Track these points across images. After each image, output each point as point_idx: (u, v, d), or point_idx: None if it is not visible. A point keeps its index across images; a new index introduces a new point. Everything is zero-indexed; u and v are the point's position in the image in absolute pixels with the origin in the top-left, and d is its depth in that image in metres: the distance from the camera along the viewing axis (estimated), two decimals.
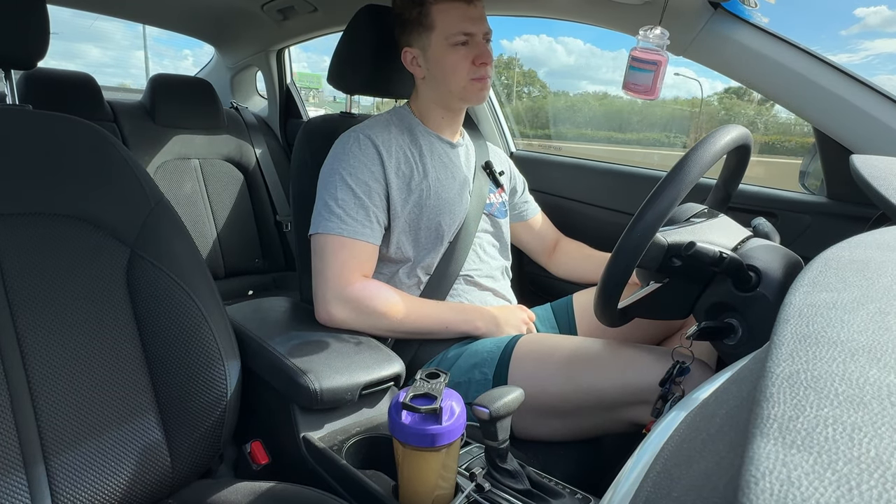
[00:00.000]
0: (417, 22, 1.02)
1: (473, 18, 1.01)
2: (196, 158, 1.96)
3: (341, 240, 0.96)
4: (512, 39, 47.27)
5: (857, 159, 0.69)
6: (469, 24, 1.00)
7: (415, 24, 1.03)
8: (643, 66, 0.92)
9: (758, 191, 1.17)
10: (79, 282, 0.74)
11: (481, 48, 1.02)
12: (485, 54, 1.01)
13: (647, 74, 0.92)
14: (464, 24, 1.00)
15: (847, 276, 0.34)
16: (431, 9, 1.00)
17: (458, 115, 1.12)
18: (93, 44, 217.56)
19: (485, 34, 1.03)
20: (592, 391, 0.86)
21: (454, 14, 1.00)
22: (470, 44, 1.01)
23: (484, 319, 1.03)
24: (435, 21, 1.00)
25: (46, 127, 0.79)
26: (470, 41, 1.01)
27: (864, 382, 0.22)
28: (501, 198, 1.20)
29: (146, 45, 31.90)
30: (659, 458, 0.30)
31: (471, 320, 1.02)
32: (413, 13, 1.02)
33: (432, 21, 1.01)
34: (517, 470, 0.69)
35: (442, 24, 1.00)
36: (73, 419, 0.69)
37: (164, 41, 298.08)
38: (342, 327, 0.96)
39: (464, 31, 1.00)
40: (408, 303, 0.99)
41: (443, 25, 1.00)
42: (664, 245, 0.73)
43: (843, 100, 0.90)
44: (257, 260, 2.09)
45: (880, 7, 76.00)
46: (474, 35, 1.01)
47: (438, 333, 1.01)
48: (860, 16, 55.51)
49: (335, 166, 1.00)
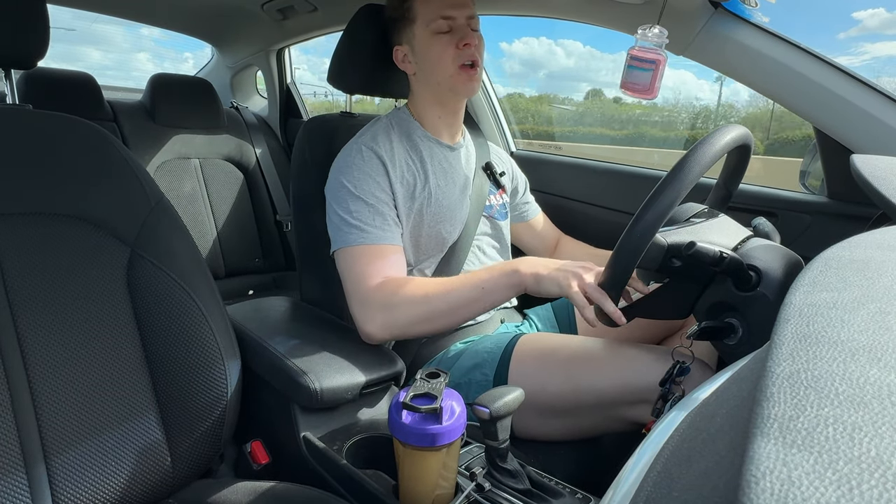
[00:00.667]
0: (403, 17, 1.03)
1: (454, 4, 1.00)
2: (196, 158, 1.96)
3: (365, 248, 0.94)
4: (511, 42, 47.43)
5: (857, 159, 0.69)
6: (449, 9, 1.00)
7: (401, 20, 1.03)
8: (642, 64, 0.92)
9: (758, 190, 1.17)
10: (79, 281, 0.74)
11: (464, 31, 1.00)
12: (468, 36, 1.00)
13: (645, 73, 0.92)
14: (443, 10, 0.99)
15: (847, 276, 0.34)
16: (414, 2, 1.01)
17: (454, 112, 1.10)
18: (93, 46, 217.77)
19: (468, 18, 1.02)
20: (593, 390, 0.86)
21: (434, 2, 1.00)
22: (453, 30, 1.00)
23: (525, 262, 0.88)
24: (417, 12, 1.01)
25: (46, 127, 0.79)
26: (453, 27, 1.00)
27: (864, 382, 0.22)
28: (502, 199, 1.20)
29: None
30: (659, 458, 0.30)
31: (508, 269, 0.88)
32: (399, 10, 1.03)
33: (414, 13, 1.01)
34: (517, 470, 0.69)
35: (423, 14, 1.00)
36: (73, 419, 0.69)
37: (166, 43, 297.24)
38: (386, 339, 0.92)
39: (443, 16, 0.99)
40: (434, 281, 0.93)
41: (423, 14, 1.00)
42: (664, 245, 0.72)
43: (843, 99, 0.90)
44: (257, 260, 2.09)
45: (878, 9, 75.99)
46: (455, 19, 1.00)
47: (479, 301, 0.89)
48: (858, 18, 55.11)
49: (340, 180, 0.99)
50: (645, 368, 0.83)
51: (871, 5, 70.35)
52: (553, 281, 0.83)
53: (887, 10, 72.86)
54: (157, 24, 2.25)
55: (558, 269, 0.83)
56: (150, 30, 3.15)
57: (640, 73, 0.92)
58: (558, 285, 0.82)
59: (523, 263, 0.87)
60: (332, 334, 0.94)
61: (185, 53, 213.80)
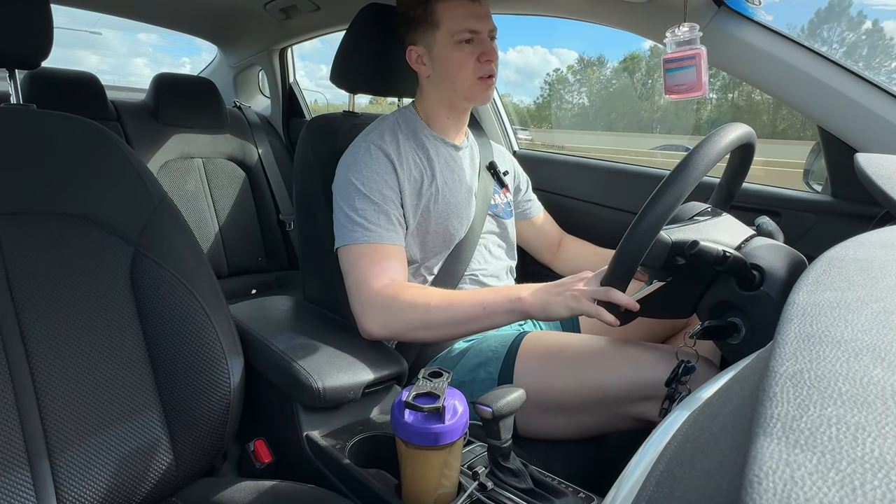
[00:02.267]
0: (422, 20, 1.02)
1: (479, 16, 1.00)
2: (199, 157, 1.96)
3: (368, 247, 0.95)
4: (505, 51, 46.27)
5: (861, 158, 0.68)
6: (475, 21, 1.00)
7: (420, 21, 1.02)
8: (681, 64, 0.90)
9: (761, 189, 1.17)
10: (82, 280, 0.74)
11: (486, 45, 1.01)
12: (490, 51, 1.01)
13: (688, 71, 0.89)
14: (469, 22, 0.99)
15: (851, 276, 0.33)
16: (437, 6, 1.00)
17: (462, 115, 1.11)
18: (90, 50, 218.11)
19: (490, 32, 1.02)
20: (598, 387, 0.86)
21: (460, 12, 0.99)
22: (475, 41, 1.00)
23: (528, 289, 0.87)
24: (440, 19, 1.00)
25: (50, 126, 0.79)
26: (475, 39, 1.00)
27: (867, 382, 0.22)
28: (506, 198, 1.20)
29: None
30: (662, 457, 0.30)
31: (513, 296, 0.86)
32: (418, 11, 1.02)
33: (438, 19, 1.00)
34: (520, 469, 0.69)
35: (447, 22, 1.00)
36: (76, 417, 0.69)
37: (163, 48, 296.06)
38: (384, 338, 0.93)
39: (469, 29, 0.99)
40: (438, 291, 0.93)
41: (448, 23, 1.00)
42: (668, 243, 0.72)
43: (847, 98, 0.90)
44: (260, 259, 2.09)
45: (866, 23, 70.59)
46: (479, 33, 1.00)
47: (478, 319, 0.88)
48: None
49: (349, 177, 0.99)
50: (650, 365, 0.83)
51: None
52: (559, 304, 0.82)
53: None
54: (159, 24, 2.25)
55: (559, 292, 0.83)
56: (148, 35, 3.14)
57: (683, 73, 0.90)
58: (566, 307, 0.81)
59: (526, 291, 0.86)
60: (334, 333, 0.94)
61: (183, 58, 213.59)
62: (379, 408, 0.89)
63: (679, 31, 0.90)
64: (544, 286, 0.86)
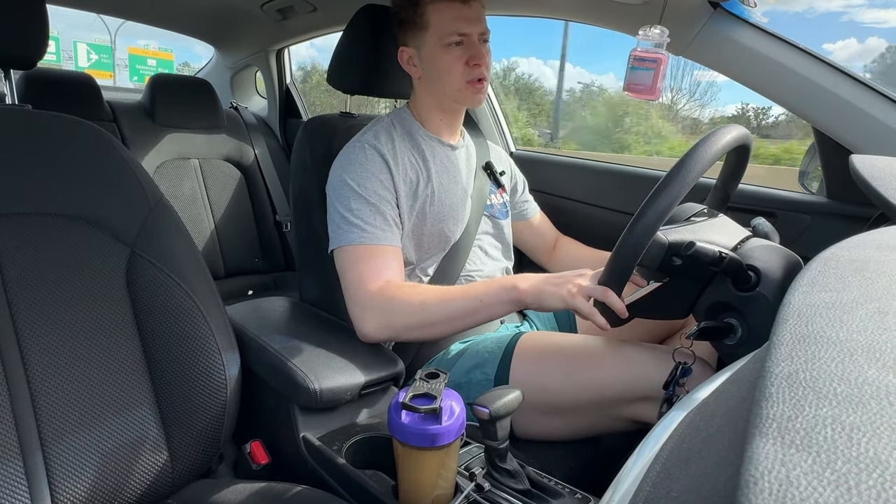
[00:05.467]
0: (412, 21, 1.01)
1: (469, 18, 0.99)
2: (196, 158, 1.96)
3: (364, 248, 0.94)
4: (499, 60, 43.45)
5: (856, 159, 0.69)
6: (464, 24, 0.98)
7: (410, 23, 1.02)
8: (643, 64, 0.92)
9: (757, 191, 1.17)
10: (78, 281, 0.74)
11: (475, 49, 1.00)
12: (478, 55, 0.99)
13: (647, 73, 0.92)
14: (458, 25, 0.98)
15: (846, 276, 0.34)
16: (426, 8, 0.99)
17: (456, 116, 1.10)
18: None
19: (481, 34, 1.01)
20: (594, 388, 0.86)
21: (449, 14, 0.98)
22: (465, 44, 0.99)
23: (526, 279, 0.87)
24: (430, 20, 0.99)
25: (46, 127, 0.79)
26: (465, 41, 0.99)
27: (862, 382, 0.22)
28: (502, 198, 1.20)
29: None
30: (658, 458, 0.30)
31: (508, 285, 0.86)
32: (409, 12, 1.01)
33: (427, 20, 0.99)
34: (517, 470, 0.69)
35: (436, 24, 0.99)
36: (72, 418, 0.69)
37: None
38: (382, 339, 0.93)
39: (458, 31, 0.98)
40: (434, 288, 0.93)
41: (437, 25, 0.99)
42: (665, 243, 0.73)
43: (842, 100, 0.90)
44: (257, 260, 2.09)
45: (849, 40, 73.67)
46: (469, 35, 0.99)
47: (476, 312, 0.88)
48: (829, 50, 53.59)
49: (343, 178, 0.98)
50: (646, 366, 0.83)
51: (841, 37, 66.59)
52: (554, 295, 0.82)
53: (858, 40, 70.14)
54: (156, 25, 2.24)
55: (557, 283, 0.82)
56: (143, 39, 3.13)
57: (642, 74, 0.92)
58: (560, 299, 0.81)
59: (522, 280, 0.86)
60: (331, 335, 0.94)
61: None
62: (376, 409, 0.89)
63: (651, 32, 0.91)
64: (544, 276, 0.86)
